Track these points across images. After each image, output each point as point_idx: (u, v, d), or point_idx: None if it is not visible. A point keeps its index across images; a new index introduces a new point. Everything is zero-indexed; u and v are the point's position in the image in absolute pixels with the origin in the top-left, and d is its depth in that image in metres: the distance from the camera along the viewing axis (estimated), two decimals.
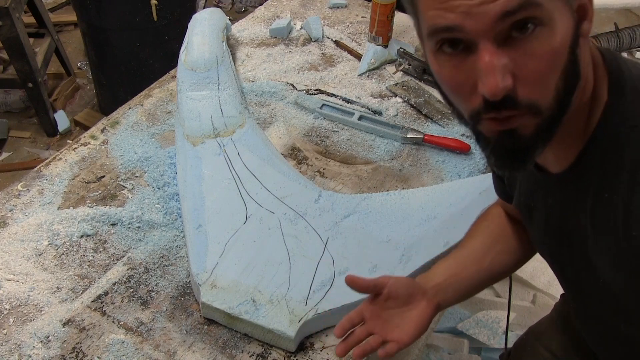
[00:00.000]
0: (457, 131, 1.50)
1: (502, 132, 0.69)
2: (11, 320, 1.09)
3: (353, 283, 0.95)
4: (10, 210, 1.28)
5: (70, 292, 1.14)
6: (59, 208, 1.29)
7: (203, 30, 1.61)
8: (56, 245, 1.22)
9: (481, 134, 0.71)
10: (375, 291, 0.96)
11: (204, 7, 3.48)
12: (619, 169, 0.71)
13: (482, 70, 0.63)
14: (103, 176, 1.38)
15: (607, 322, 0.86)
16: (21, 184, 1.35)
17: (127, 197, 1.33)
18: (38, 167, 1.40)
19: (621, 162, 0.71)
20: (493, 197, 1.08)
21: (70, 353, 1.04)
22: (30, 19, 3.20)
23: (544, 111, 0.67)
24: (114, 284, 1.15)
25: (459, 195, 1.26)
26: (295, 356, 1.05)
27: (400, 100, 1.62)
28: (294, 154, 1.45)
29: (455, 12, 0.63)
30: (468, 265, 1.02)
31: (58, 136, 3.09)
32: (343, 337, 0.96)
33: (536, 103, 0.66)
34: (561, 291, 1.11)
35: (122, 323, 1.09)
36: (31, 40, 2.98)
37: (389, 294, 0.95)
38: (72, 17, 3.39)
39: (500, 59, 0.63)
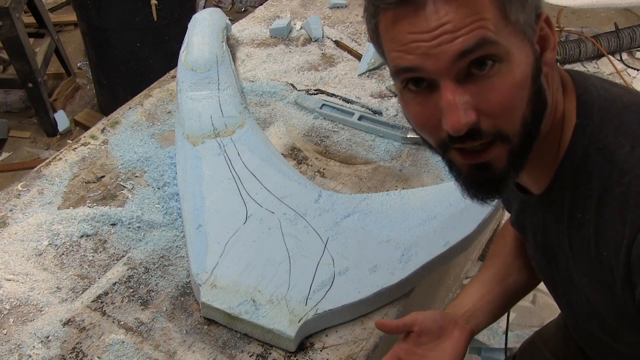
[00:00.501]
0: None
1: (474, 165, 0.70)
2: (11, 320, 1.09)
3: (382, 326, 0.96)
4: (10, 210, 1.28)
5: (70, 292, 1.14)
6: (59, 208, 1.29)
7: (203, 30, 1.61)
8: (56, 245, 1.22)
9: (452, 163, 0.73)
10: (405, 330, 0.96)
11: (204, 7, 3.48)
12: (588, 190, 0.72)
13: (444, 107, 0.66)
14: (103, 176, 1.38)
15: (599, 338, 0.87)
16: (21, 184, 1.35)
17: (127, 197, 1.33)
18: (38, 167, 1.40)
19: (590, 183, 0.72)
20: None
21: (70, 353, 1.04)
22: (30, 19, 3.20)
23: (512, 138, 0.68)
24: (114, 284, 1.15)
25: (459, 195, 1.24)
26: (295, 356, 1.05)
27: None
28: (294, 154, 1.45)
29: (415, 54, 0.65)
30: (494, 286, 1.03)
31: (58, 136, 3.09)
32: None
33: (503, 131, 0.67)
34: None
35: (122, 323, 1.09)
36: (31, 40, 2.98)
37: (420, 330, 0.95)
38: (72, 17, 3.39)
39: (461, 96, 0.65)
